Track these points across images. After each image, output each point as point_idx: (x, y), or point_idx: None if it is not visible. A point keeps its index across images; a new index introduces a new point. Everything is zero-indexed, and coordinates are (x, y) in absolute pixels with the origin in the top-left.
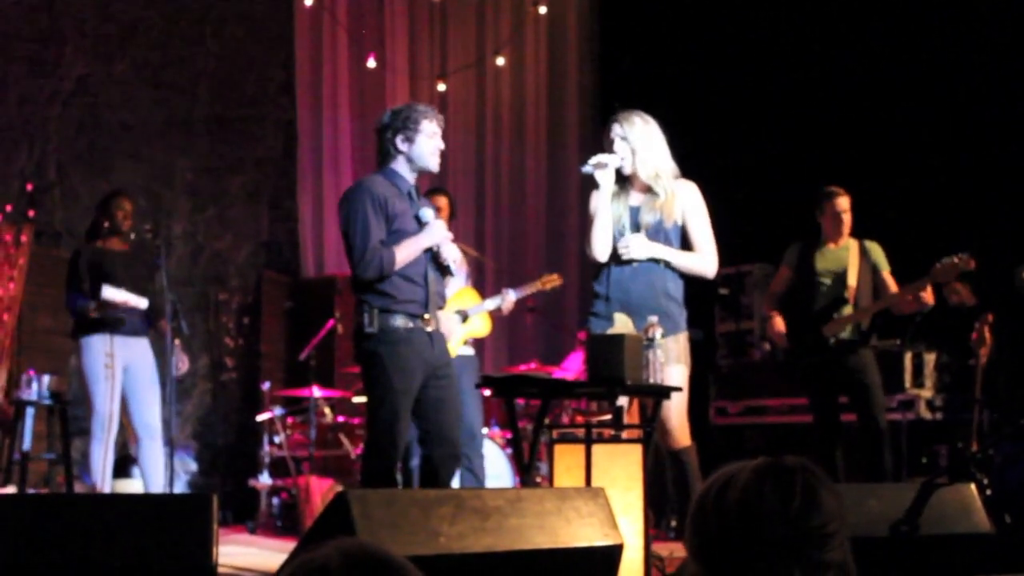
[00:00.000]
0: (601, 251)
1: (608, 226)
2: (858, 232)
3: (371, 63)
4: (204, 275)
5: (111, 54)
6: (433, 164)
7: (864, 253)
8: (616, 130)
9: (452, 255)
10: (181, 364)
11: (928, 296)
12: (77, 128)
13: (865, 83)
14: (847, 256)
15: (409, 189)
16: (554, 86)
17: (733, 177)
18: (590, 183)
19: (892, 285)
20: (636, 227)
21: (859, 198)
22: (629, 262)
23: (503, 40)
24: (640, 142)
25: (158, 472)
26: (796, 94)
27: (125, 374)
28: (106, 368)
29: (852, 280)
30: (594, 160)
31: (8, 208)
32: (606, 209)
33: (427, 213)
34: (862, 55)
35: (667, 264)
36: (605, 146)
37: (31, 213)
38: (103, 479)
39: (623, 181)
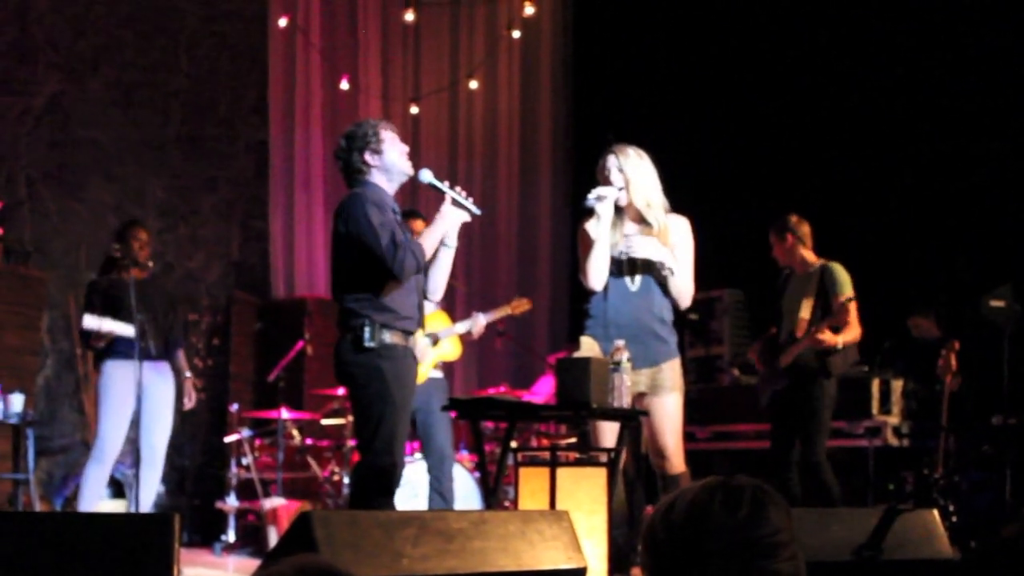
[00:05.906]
0: (599, 280)
1: (607, 256)
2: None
3: (344, 85)
4: (174, 295)
5: (84, 72)
6: (408, 167)
7: (822, 278)
8: (612, 161)
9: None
10: (187, 400)
11: (826, 338)
12: (48, 146)
13: (838, 110)
14: (808, 285)
15: (392, 205)
16: (527, 110)
17: (703, 203)
18: (564, 208)
19: (841, 312)
20: (631, 257)
21: (827, 226)
22: (625, 288)
23: (476, 63)
24: (634, 173)
25: (150, 495)
26: (767, 120)
27: (143, 397)
28: (118, 394)
29: (805, 312)
30: (595, 193)
31: None
32: (606, 239)
33: (426, 174)
34: (835, 82)
35: (662, 289)
36: (599, 178)
37: (0, 231)
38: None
39: (617, 211)
